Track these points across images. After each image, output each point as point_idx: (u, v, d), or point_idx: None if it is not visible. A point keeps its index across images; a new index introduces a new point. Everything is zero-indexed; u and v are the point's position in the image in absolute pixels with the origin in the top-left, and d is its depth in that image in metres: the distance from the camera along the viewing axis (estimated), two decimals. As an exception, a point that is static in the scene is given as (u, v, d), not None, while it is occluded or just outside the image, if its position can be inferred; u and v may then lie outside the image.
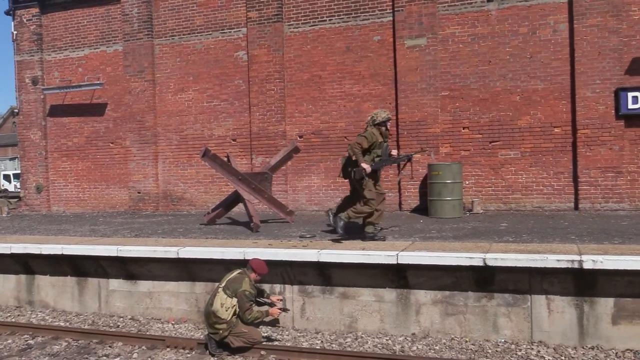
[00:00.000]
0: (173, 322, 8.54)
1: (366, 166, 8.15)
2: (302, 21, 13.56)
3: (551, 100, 11.68)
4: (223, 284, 7.04)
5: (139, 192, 14.97)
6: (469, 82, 12.26)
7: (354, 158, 8.47)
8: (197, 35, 14.52)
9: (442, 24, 12.49)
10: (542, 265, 6.94)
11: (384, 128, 8.39)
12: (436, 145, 12.33)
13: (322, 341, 7.50)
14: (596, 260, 6.73)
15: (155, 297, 8.91)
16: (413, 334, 7.53)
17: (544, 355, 6.67)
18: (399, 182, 12.50)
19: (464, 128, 12.30)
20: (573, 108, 11.48)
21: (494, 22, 12.16)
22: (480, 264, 7.12)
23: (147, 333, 8.12)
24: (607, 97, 11.24)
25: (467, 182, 12.00)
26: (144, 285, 8.98)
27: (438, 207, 11.15)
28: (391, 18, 12.81)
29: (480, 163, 12.12)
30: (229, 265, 7.85)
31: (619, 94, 11.17)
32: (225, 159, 11.25)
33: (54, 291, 9.64)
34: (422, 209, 11.98)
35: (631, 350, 6.66)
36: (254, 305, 7.09)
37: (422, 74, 12.49)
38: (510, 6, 12.05)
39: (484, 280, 7.29)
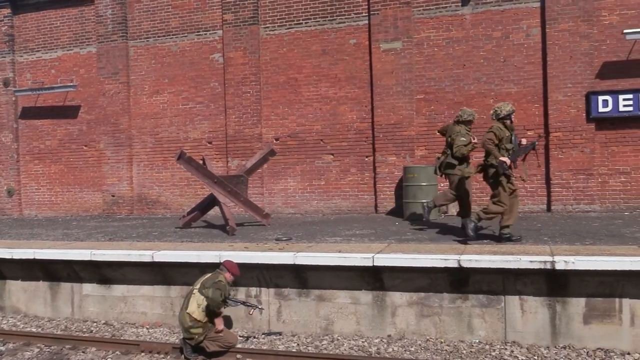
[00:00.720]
0: (148, 327, 8.46)
1: (506, 159, 7.90)
2: (278, 24, 13.56)
3: (524, 104, 11.84)
4: (198, 286, 7.01)
5: (113, 196, 14.79)
6: (444, 85, 12.38)
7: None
8: (172, 37, 14.42)
9: (417, 28, 12.59)
10: (516, 267, 7.05)
11: (508, 121, 8.18)
12: (411, 147, 12.41)
13: (298, 344, 7.51)
14: (568, 261, 6.86)
15: (129, 301, 8.82)
16: (389, 335, 7.58)
17: (517, 355, 6.76)
18: (375, 185, 12.61)
19: (439, 131, 12.37)
20: (545, 111, 11.66)
21: (469, 26, 12.29)
22: (455, 265, 7.21)
23: (121, 338, 8.05)
24: (578, 100, 11.44)
25: (442, 185, 12.07)
26: (118, 290, 8.88)
27: (413, 209, 11.22)
28: (367, 21, 12.87)
29: (455, 165, 12.22)
30: (204, 268, 7.80)
31: (590, 97, 11.38)
32: (201, 162, 11.20)
33: (26, 296, 9.48)
34: (398, 211, 12.05)
35: (602, 349, 6.79)
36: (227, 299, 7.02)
37: (397, 77, 12.57)
38: (484, 10, 12.19)
39: (459, 281, 7.37)
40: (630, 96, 11.17)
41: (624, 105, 11.17)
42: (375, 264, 7.48)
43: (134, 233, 10.83)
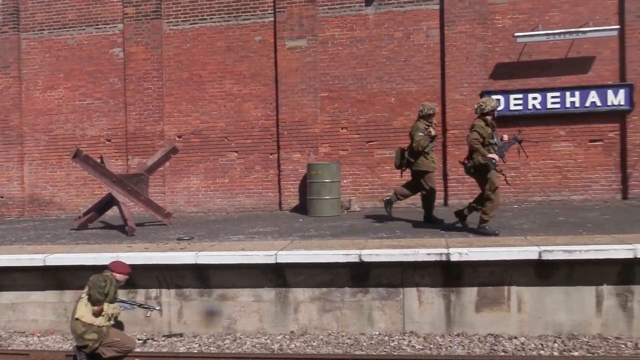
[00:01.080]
0: (39, 335, 8.00)
1: (495, 156, 7.90)
2: (182, 19, 13.26)
3: (424, 102, 12.21)
4: (87, 289, 6.70)
5: (1, 197, 13.88)
6: (348, 83, 12.57)
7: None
8: (69, 30, 13.73)
9: (322, 26, 12.70)
10: (414, 260, 7.26)
11: (490, 117, 8.16)
12: (315, 145, 12.53)
13: (200, 344, 7.36)
14: (462, 252, 7.15)
15: (19, 308, 8.29)
16: (292, 331, 7.59)
17: (415, 345, 6.96)
18: (279, 182, 12.63)
19: (342, 128, 12.59)
20: (443, 109, 12.12)
21: (372, 26, 12.54)
22: (356, 260, 7.33)
23: (9, 348, 7.55)
24: (473, 99, 11.91)
25: (345, 181, 12.30)
26: (6, 297, 8.32)
27: (317, 206, 11.33)
28: (272, 19, 12.85)
29: (357, 162, 12.48)
30: (101, 271, 7.47)
31: (484, 96, 11.91)
32: (99, 160, 10.74)
33: None
34: (302, 208, 12.12)
35: (492, 335, 7.14)
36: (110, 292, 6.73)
37: (302, 75, 12.63)
38: (386, 11, 12.49)
39: (360, 275, 7.50)
40: (520, 96, 11.85)
41: (515, 105, 11.84)
42: (278, 261, 7.47)
43: (25, 236, 10.22)
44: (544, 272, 7.19)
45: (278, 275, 7.63)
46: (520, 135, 8.57)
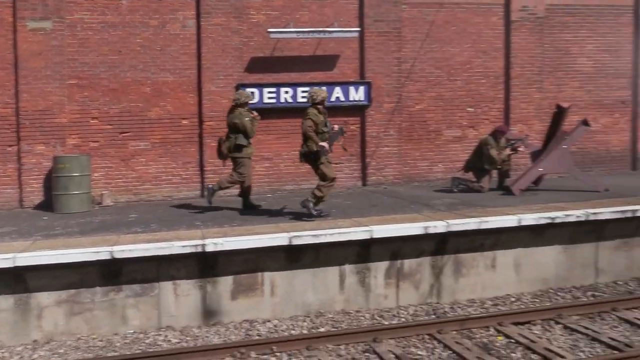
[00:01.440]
0: None
1: (325, 144, 8.40)
2: None
3: (180, 93, 12.11)
4: None
5: None
6: (99, 71, 11.84)
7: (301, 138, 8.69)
8: None
9: (70, 9, 11.74)
10: (169, 253, 7.25)
11: (321, 107, 8.63)
12: (63, 136, 11.53)
13: None
14: (217, 243, 7.34)
15: None
16: (34, 340, 7.01)
17: (171, 339, 6.94)
18: (20, 177, 11.40)
19: (93, 119, 11.80)
20: (200, 101, 12.10)
21: (125, 12, 11.98)
22: (108, 257, 7.09)
23: None
24: (229, 92, 12.12)
25: (96, 175, 11.58)
26: None
27: (64, 201, 10.51)
28: (11, -5, 11.52)
29: (110, 154, 11.85)
30: None
31: (239, 89, 12.22)
32: None
33: None
34: (47, 205, 11.09)
35: (247, 321, 7.46)
36: None
37: (47, 60, 11.54)
38: (140, -3, 12.05)
39: (112, 273, 7.26)
40: (274, 89, 12.36)
41: (268, 98, 12.31)
42: (17, 265, 6.85)
43: None
44: (293, 257, 7.71)
45: (17, 280, 6.98)
46: (345, 127, 9.43)
